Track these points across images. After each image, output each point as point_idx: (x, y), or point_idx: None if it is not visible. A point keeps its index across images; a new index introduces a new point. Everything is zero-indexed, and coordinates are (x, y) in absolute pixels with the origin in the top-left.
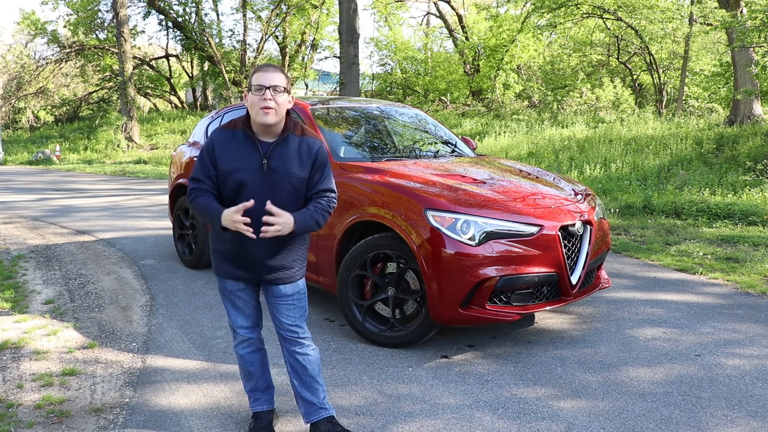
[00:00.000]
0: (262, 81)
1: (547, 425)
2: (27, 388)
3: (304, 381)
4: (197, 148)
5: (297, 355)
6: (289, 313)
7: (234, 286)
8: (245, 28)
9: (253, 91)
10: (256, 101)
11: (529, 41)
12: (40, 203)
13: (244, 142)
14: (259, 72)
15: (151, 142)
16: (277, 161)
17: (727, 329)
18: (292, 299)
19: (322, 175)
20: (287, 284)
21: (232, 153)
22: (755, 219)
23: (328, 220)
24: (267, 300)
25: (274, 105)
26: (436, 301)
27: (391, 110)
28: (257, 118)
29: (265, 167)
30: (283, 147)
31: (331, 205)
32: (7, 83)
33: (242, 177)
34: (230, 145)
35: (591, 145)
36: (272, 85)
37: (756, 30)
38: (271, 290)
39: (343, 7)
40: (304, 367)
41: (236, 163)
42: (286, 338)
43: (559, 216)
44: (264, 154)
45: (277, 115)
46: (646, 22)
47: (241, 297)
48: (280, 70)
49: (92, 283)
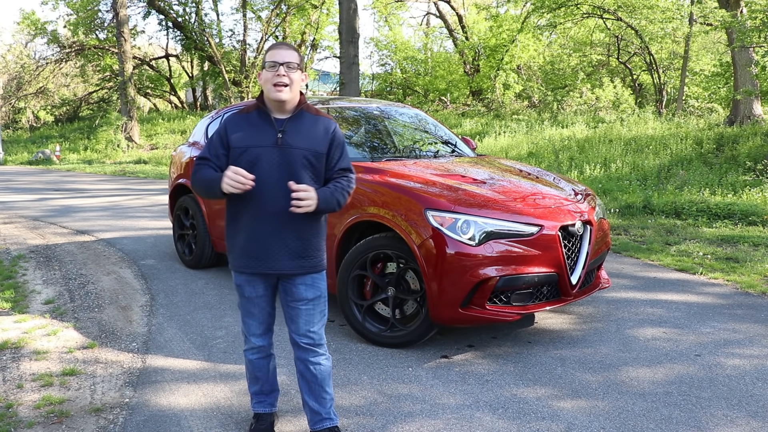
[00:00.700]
0: (275, 58)
1: (547, 425)
2: (27, 388)
3: (312, 390)
4: (197, 148)
5: (309, 363)
6: (308, 318)
7: (251, 292)
8: (245, 28)
9: (267, 67)
10: (269, 77)
11: (529, 41)
12: (40, 203)
13: (258, 119)
14: (273, 49)
15: (151, 142)
16: (292, 136)
17: (727, 329)
18: (313, 303)
19: (340, 154)
20: (308, 284)
21: (245, 131)
22: (755, 219)
23: (347, 201)
24: (284, 304)
25: (287, 81)
26: (436, 301)
27: (391, 110)
28: (271, 94)
29: (280, 142)
30: (297, 122)
31: (351, 185)
32: (7, 83)
33: (256, 153)
34: (243, 125)
35: (591, 145)
36: (286, 62)
37: (756, 30)
38: (291, 291)
39: (343, 7)
40: (314, 376)
41: (249, 140)
42: (301, 345)
43: (559, 216)
44: (279, 129)
45: (290, 91)
46: (646, 22)
47: (257, 304)
48: (294, 48)
49: (92, 283)
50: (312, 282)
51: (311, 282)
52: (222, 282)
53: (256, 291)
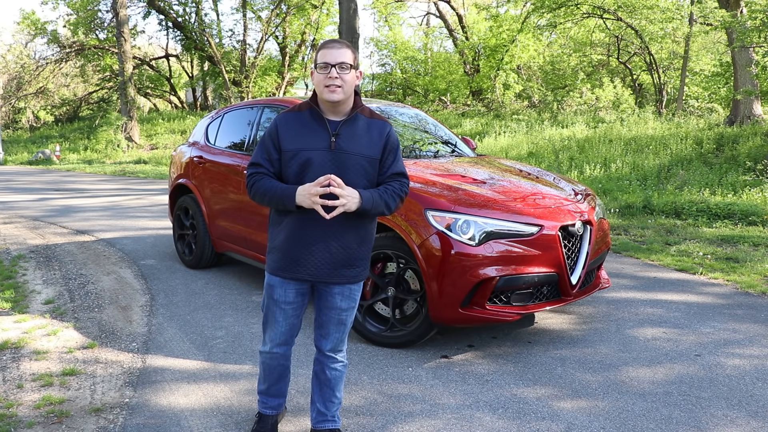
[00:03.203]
0: (327, 59)
1: (547, 425)
2: (27, 388)
3: (323, 392)
4: (197, 148)
5: (327, 367)
6: (337, 326)
7: (282, 296)
8: (245, 28)
9: (318, 69)
10: (321, 80)
11: (529, 41)
12: (40, 203)
13: (311, 120)
14: (324, 49)
15: (151, 142)
16: (346, 140)
17: (727, 329)
18: (346, 313)
19: (394, 158)
20: (345, 295)
21: (297, 132)
22: (755, 219)
23: (400, 206)
24: (317, 307)
25: (340, 83)
26: (436, 301)
27: (391, 110)
28: (323, 95)
29: (333, 146)
30: (351, 126)
31: (404, 189)
32: (7, 83)
33: (308, 156)
34: (295, 126)
35: (591, 145)
36: (338, 63)
37: (756, 30)
38: (325, 298)
39: (343, 7)
40: (328, 379)
41: (302, 143)
42: (324, 351)
43: (559, 216)
44: (332, 132)
45: (344, 92)
46: (646, 22)
47: (284, 311)
48: (347, 45)
49: (92, 283)
50: (349, 293)
51: (348, 293)
52: (222, 282)
53: (287, 296)
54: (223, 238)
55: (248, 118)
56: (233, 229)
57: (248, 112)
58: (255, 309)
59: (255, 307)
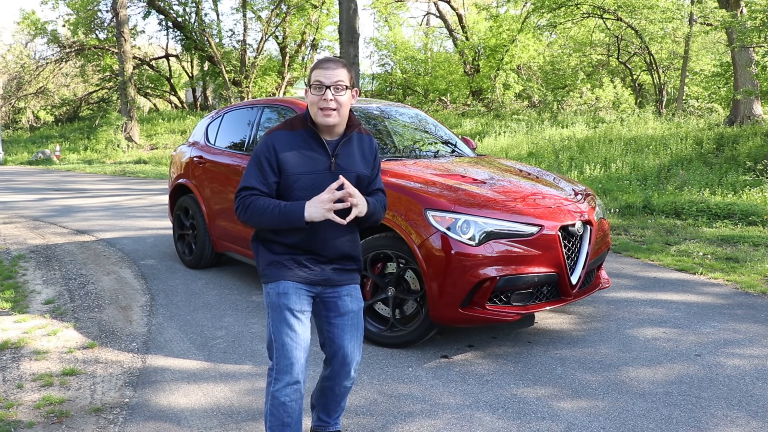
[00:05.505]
0: (321, 78)
1: (547, 425)
2: (27, 388)
3: (327, 403)
4: (197, 148)
5: (338, 386)
6: (353, 333)
7: (297, 305)
8: (245, 28)
9: (313, 90)
10: (315, 101)
11: (529, 41)
12: (40, 203)
13: (309, 141)
14: (319, 68)
15: (151, 142)
16: (344, 159)
17: (727, 329)
18: (357, 317)
19: (378, 172)
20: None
21: (297, 155)
22: (755, 219)
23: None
24: (324, 322)
25: (335, 105)
26: (436, 301)
27: (391, 110)
28: (317, 118)
29: (333, 167)
30: (348, 145)
31: (386, 202)
32: (7, 83)
33: (312, 180)
34: (293, 147)
35: (591, 145)
36: (333, 83)
37: (756, 30)
38: (334, 305)
39: (343, 7)
40: (335, 394)
41: (306, 167)
42: (340, 371)
43: (559, 216)
44: (332, 153)
45: (339, 115)
46: (646, 22)
47: (301, 320)
48: (343, 64)
49: (92, 283)
50: (356, 293)
51: (355, 293)
52: (222, 282)
53: (301, 304)
54: (223, 238)
55: (248, 118)
56: (233, 229)
57: (248, 112)
58: (255, 309)
59: (255, 307)
